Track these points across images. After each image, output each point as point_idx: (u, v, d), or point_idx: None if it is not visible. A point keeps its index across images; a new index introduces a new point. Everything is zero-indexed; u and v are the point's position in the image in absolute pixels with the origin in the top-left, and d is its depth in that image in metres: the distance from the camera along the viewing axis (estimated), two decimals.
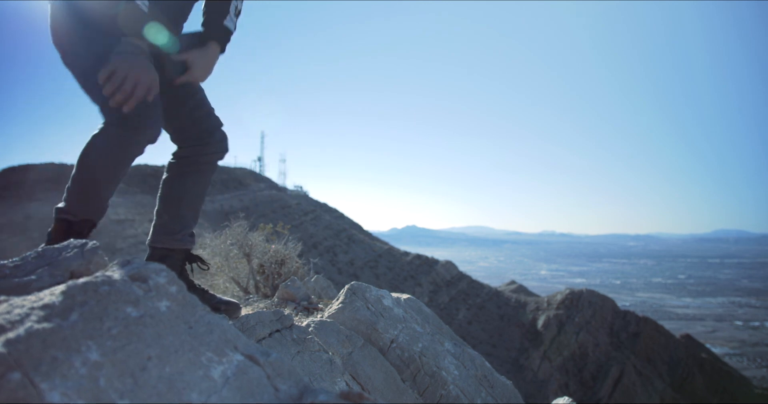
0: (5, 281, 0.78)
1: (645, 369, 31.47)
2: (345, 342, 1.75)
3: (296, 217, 39.45)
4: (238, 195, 40.36)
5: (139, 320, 0.62)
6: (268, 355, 0.72)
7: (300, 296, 2.57)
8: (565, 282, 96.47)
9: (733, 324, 64.65)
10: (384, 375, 1.72)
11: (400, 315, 2.02)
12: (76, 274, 0.85)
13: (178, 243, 1.79)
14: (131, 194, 31.60)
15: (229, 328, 0.74)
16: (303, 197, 48.73)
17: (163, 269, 0.72)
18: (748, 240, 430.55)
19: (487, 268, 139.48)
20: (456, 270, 40.20)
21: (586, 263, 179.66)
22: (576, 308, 34.56)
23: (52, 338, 0.54)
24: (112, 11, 1.35)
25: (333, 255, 36.94)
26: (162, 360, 0.60)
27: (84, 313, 0.59)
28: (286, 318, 1.69)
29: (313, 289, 3.27)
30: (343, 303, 1.96)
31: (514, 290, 41.78)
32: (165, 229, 1.77)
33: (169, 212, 1.78)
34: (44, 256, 0.89)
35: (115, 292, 0.63)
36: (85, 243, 0.96)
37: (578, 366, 31.34)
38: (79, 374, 0.53)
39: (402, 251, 41.71)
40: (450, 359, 1.95)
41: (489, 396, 1.92)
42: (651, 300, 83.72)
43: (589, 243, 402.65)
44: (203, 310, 0.73)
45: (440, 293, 36.35)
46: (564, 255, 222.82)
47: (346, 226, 43.38)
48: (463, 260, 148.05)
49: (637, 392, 29.51)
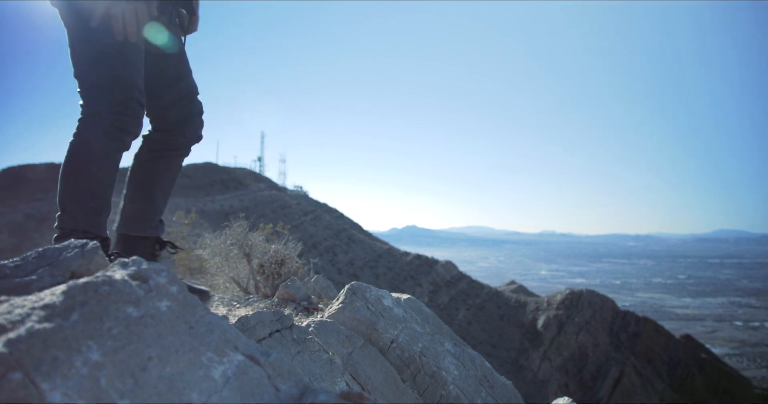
0: (6, 281, 0.78)
1: (645, 370, 31.47)
2: (345, 342, 1.75)
3: (296, 217, 39.46)
4: (238, 195, 40.37)
5: (139, 320, 0.62)
6: (268, 355, 0.72)
7: (300, 297, 2.57)
8: (565, 282, 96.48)
9: (733, 324, 64.65)
10: (384, 375, 1.72)
11: (400, 315, 2.02)
12: (76, 274, 0.85)
13: (153, 230, 1.75)
14: None
15: (230, 328, 0.74)
16: (303, 197, 48.74)
17: (163, 270, 0.72)
18: (748, 240, 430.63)
19: (487, 268, 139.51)
20: (456, 270, 40.20)
21: (586, 263, 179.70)
22: (576, 308, 34.56)
23: (52, 338, 0.54)
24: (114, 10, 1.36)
25: (333, 255, 36.94)
26: (162, 360, 0.60)
27: (85, 313, 0.59)
28: (286, 318, 1.69)
29: (313, 289, 3.27)
30: (343, 303, 1.96)
31: (514, 291, 41.78)
32: (139, 216, 1.72)
33: (143, 198, 1.73)
34: (45, 256, 0.89)
35: (116, 292, 0.64)
36: (86, 243, 0.96)
37: (578, 367, 31.33)
38: (79, 374, 0.53)
39: (402, 252, 41.71)
40: (450, 359, 1.95)
41: (489, 396, 1.93)
42: (651, 300, 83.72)
43: (589, 243, 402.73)
44: (203, 310, 0.73)
45: (440, 294, 36.35)
46: (564, 255, 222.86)
47: (346, 226, 43.40)
48: (463, 260, 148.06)
49: (636, 392, 29.52)
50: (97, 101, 1.46)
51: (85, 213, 1.47)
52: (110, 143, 1.48)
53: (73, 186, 1.47)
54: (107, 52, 1.45)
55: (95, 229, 1.49)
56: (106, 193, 1.51)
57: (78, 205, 1.46)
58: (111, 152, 1.49)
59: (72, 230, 1.45)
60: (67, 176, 1.48)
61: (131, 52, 1.48)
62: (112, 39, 1.42)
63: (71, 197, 1.47)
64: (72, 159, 1.48)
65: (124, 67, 1.47)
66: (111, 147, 1.48)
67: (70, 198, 1.47)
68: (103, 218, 1.52)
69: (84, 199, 1.47)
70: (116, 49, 1.45)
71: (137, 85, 1.50)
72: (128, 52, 1.47)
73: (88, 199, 1.47)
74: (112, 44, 1.44)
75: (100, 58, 1.45)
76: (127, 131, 1.50)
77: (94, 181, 1.48)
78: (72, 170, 1.48)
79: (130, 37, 1.40)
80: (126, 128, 1.50)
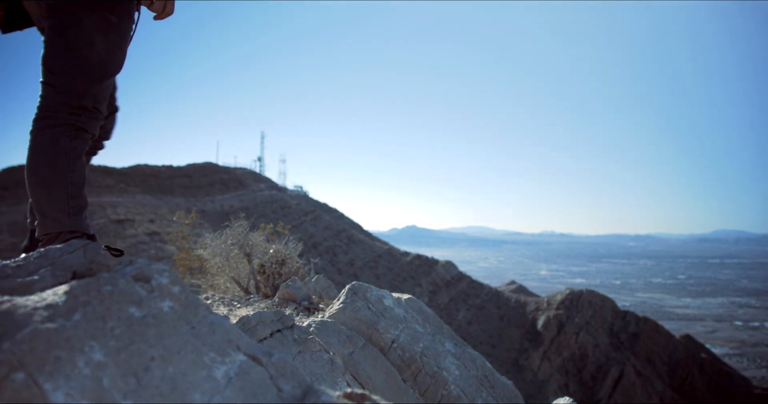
0: (8, 282, 0.78)
1: (645, 370, 31.46)
2: (346, 342, 1.75)
3: (296, 217, 39.44)
4: (238, 195, 40.35)
5: (142, 320, 0.62)
6: (270, 355, 0.72)
7: (300, 297, 2.57)
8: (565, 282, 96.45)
9: (733, 325, 64.62)
10: (385, 375, 1.72)
11: (400, 315, 2.02)
12: (78, 274, 0.85)
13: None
14: (131, 194, 31.59)
15: (232, 328, 0.74)
16: (303, 198, 48.71)
17: (165, 270, 0.72)
18: (748, 240, 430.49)
19: (487, 268, 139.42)
20: (456, 270, 40.18)
21: (586, 263, 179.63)
22: (576, 308, 34.54)
23: (55, 338, 0.54)
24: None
25: (333, 255, 36.93)
26: (165, 360, 0.60)
27: (87, 313, 0.59)
28: (287, 318, 1.69)
29: (313, 289, 3.26)
30: (344, 303, 1.96)
31: (514, 291, 41.76)
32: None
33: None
34: (47, 256, 0.89)
35: (118, 292, 0.64)
36: (88, 243, 0.96)
37: (578, 367, 31.32)
38: (82, 374, 0.53)
39: (402, 252, 41.70)
40: (451, 359, 1.95)
41: (490, 396, 1.92)
42: (651, 300, 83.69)
43: (589, 243, 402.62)
44: (206, 310, 0.73)
45: (440, 294, 36.34)
46: (564, 255, 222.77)
47: (346, 226, 43.37)
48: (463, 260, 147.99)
49: (636, 392, 29.50)
50: (57, 101, 1.44)
51: (67, 214, 1.44)
52: (75, 142, 1.46)
53: (48, 191, 1.43)
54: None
55: (81, 228, 1.47)
56: (81, 191, 1.50)
57: (58, 209, 1.43)
58: (78, 149, 1.47)
59: (59, 233, 1.43)
60: (40, 182, 1.43)
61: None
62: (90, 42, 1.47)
63: (50, 202, 1.43)
64: (41, 164, 1.43)
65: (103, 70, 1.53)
66: (78, 143, 1.47)
67: (49, 203, 1.43)
68: (84, 215, 1.51)
69: (63, 201, 1.44)
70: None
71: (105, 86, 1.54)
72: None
73: (66, 201, 1.44)
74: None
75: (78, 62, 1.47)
76: (87, 130, 1.50)
77: (71, 182, 1.45)
78: (43, 175, 1.43)
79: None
80: (86, 128, 1.50)
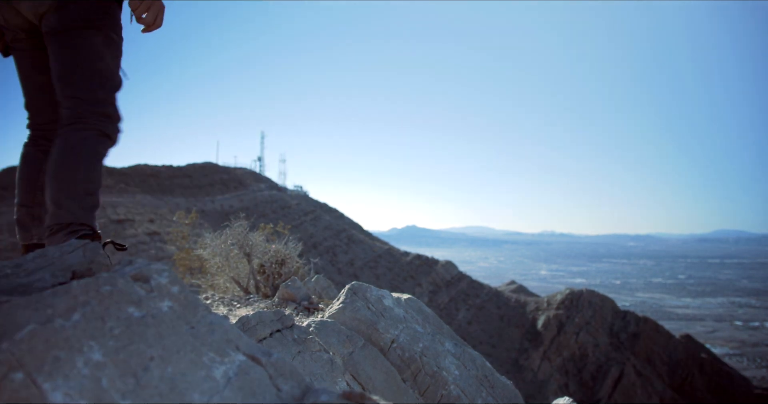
0: (7, 282, 0.78)
1: (645, 370, 31.46)
2: (346, 342, 1.75)
3: (296, 217, 39.43)
4: (238, 195, 40.33)
5: (141, 320, 0.62)
6: (269, 355, 0.72)
7: (300, 297, 2.57)
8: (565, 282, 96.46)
9: (733, 324, 64.61)
10: (385, 375, 1.72)
11: (400, 315, 2.02)
12: (78, 274, 0.85)
13: None
14: (131, 194, 31.58)
15: (231, 328, 0.74)
16: (303, 198, 48.69)
17: (164, 270, 0.72)
18: (748, 240, 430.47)
19: (487, 268, 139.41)
20: (456, 270, 40.18)
21: (586, 263, 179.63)
22: (576, 308, 34.54)
23: (54, 338, 0.54)
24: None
25: (333, 255, 36.92)
26: (164, 360, 0.60)
27: (86, 313, 0.59)
28: (286, 318, 1.69)
29: (313, 289, 3.26)
30: (344, 302, 1.96)
31: (514, 291, 41.76)
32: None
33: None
34: (46, 256, 0.89)
35: (118, 292, 0.63)
36: (87, 243, 0.96)
37: (578, 367, 31.33)
38: (81, 374, 0.53)
39: (402, 252, 41.69)
40: (451, 359, 1.95)
41: (490, 396, 1.92)
42: (651, 300, 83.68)
43: (588, 243, 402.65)
44: (205, 310, 0.73)
45: (440, 294, 36.34)
46: (564, 255, 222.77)
47: (345, 226, 43.37)
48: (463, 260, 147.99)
49: (636, 392, 29.50)
50: (86, 110, 1.57)
51: (82, 208, 1.54)
52: (100, 146, 1.59)
53: (69, 185, 1.53)
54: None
55: (91, 223, 1.57)
56: (97, 192, 1.60)
57: (74, 201, 1.52)
58: (102, 154, 1.61)
59: (69, 224, 1.50)
60: (64, 176, 1.54)
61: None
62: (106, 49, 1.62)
63: (68, 195, 1.52)
64: (67, 160, 1.55)
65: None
66: (102, 149, 1.60)
67: (67, 196, 1.51)
68: (95, 214, 1.61)
69: (80, 196, 1.53)
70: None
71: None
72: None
73: (83, 196, 1.54)
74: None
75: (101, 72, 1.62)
76: (110, 137, 1.64)
77: (90, 181, 1.56)
78: (68, 169, 1.54)
79: None
80: (111, 135, 1.64)
